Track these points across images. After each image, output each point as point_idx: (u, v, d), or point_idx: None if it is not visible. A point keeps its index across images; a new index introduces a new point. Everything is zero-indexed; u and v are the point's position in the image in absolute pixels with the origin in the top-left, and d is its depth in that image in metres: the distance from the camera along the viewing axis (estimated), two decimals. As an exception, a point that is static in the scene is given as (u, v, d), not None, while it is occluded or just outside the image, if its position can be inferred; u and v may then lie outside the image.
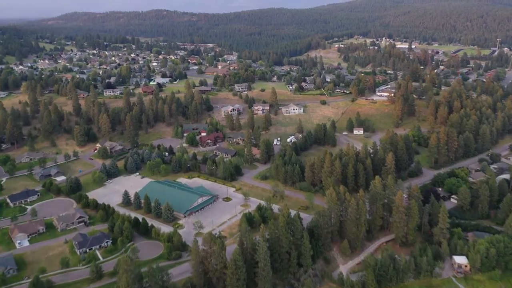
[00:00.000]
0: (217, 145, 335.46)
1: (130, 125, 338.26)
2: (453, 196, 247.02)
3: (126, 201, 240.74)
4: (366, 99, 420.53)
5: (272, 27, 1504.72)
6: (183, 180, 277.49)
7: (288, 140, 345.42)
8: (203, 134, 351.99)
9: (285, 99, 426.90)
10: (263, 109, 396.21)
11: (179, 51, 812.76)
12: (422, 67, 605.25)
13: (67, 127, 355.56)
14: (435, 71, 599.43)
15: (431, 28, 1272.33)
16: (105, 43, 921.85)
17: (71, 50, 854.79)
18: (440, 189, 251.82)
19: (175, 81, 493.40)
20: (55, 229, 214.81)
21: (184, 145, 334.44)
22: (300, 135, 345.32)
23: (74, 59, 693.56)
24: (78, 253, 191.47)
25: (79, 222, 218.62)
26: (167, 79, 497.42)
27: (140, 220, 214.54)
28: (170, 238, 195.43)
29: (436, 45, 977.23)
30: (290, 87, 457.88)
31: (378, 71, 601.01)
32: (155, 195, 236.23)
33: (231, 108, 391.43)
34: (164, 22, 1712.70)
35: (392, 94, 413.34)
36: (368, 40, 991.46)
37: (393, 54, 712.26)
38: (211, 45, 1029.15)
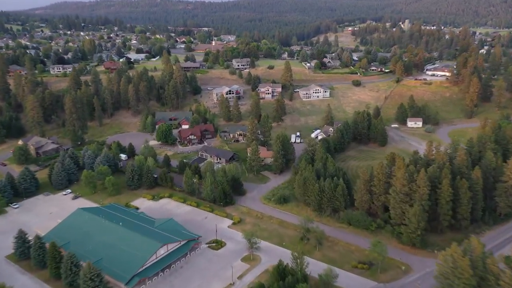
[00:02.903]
0: (205, 144, 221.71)
1: (72, 112, 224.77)
2: None
3: (22, 252, 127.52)
4: (416, 80, 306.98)
5: (274, 15, 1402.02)
6: (143, 203, 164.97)
7: (313, 135, 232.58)
8: (185, 126, 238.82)
9: (302, 79, 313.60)
10: (272, 92, 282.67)
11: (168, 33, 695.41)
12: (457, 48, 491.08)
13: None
14: (480, 51, 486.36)
15: (450, 13, 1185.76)
16: (82, 25, 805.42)
17: (42, 31, 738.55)
18: None
19: (154, 58, 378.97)
20: None
21: (153, 143, 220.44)
22: (331, 129, 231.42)
23: (38, 38, 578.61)
24: None
25: None
26: (143, 55, 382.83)
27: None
28: None
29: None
30: (308, 64, 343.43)
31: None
32: (78, 240, 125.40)
33: (227, 89, 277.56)
34: (157, 10, 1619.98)
35: (453, 73, 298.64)
36: (387, 24, 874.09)
37: (424, 33, 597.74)
38: (206, 28, 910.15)
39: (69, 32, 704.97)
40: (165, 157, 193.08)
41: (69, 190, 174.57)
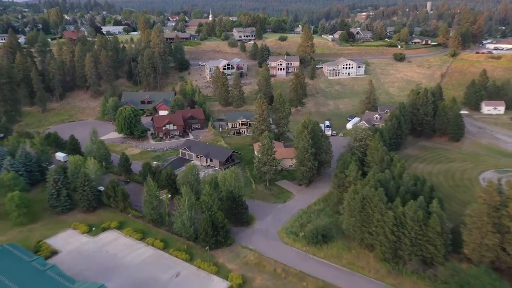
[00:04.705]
0: (191, 137, 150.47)
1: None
2: None
3: None
4: (478, 53, 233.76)
5: (278, 4, 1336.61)
6: (69, 240, 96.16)
7: (349, 126, 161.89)
8: (163, 112, 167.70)
9: (325, 52, 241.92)
10: (287, 67, 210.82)
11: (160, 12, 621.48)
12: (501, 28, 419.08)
13: None
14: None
15: (470, 0, 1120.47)
16: (66, 7, 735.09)
17: (21, 14, 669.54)
18: None
19: (135, 32, 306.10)
20: None
21: (113, 136, 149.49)
22: (377, 116, 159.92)
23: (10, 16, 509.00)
24: None
25: None
26: (121, 27, 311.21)
27: None
28: None
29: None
30: (331, 36, 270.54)
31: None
32: None
33: (225, 63, 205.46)
34: (156, 0, 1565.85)
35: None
36: (407, 9, 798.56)
37: (454, 13, 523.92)
38: (205, 14, 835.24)
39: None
40: (122, 157, 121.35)
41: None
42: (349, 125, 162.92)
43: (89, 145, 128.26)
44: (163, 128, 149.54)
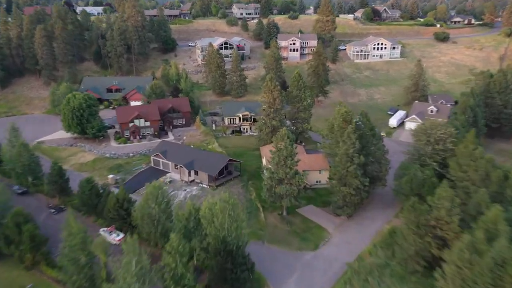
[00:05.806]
0: (170, 137, 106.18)
1: None
2: None
3: None
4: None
5: None
6: None
7: (393, 121, 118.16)
8: (136, 103, 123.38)
9: (347, 32, 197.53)
10: (301, 48, 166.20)
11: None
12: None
13: None
14: None
15: None
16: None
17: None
18: None
19: (117, 13, 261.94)
20: None
21: (56, 136, 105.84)
22: (433, 108, 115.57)
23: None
24: None
25: None
26: (101, 8, 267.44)
27: None
28: None
29: None
30: (352, 15, 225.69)
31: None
32: None
33: (221, 41, 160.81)
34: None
35: None
36: None
37: None
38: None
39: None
40: (53, 169, 76.92)
41: None
42: (392, 121, 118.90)
43: (8, 150, 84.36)
44: (130, 124, 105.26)
